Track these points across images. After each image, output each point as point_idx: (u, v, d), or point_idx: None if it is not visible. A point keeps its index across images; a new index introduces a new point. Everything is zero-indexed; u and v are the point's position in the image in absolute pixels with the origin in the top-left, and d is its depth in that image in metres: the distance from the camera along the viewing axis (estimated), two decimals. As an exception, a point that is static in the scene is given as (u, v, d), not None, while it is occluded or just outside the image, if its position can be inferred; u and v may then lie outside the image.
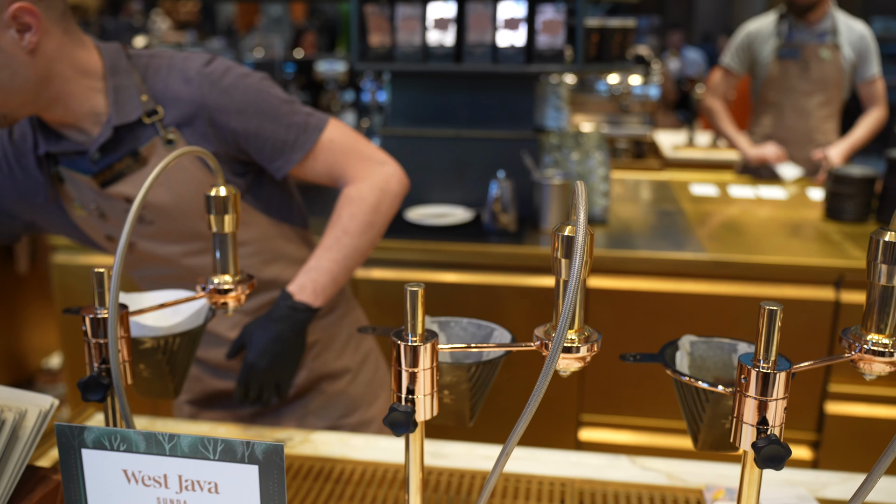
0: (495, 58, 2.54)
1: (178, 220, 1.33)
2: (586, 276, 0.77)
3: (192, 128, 1.30)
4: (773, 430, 0.75)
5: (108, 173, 1.29)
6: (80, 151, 1.29)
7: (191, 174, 1.31)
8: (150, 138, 1.28)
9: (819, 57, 3.25)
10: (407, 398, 0.78)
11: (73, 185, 1.33)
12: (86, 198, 1.33)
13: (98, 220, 1.35)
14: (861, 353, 0.80)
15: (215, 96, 1.29)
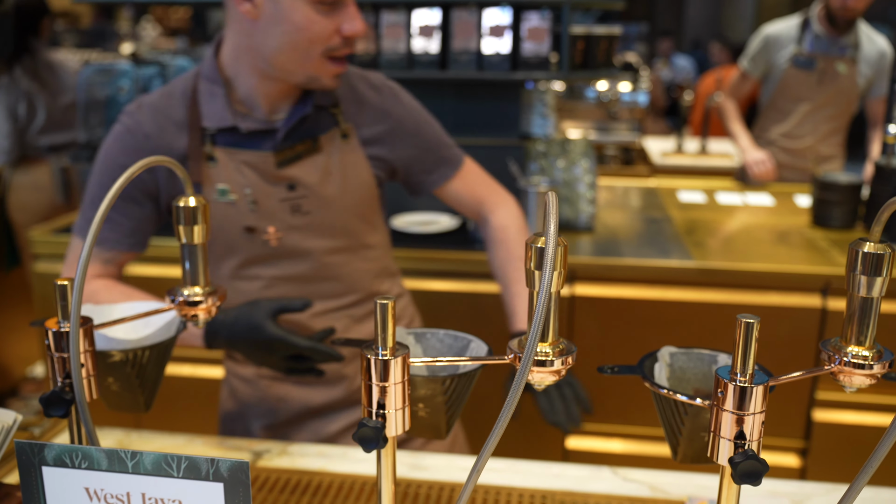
0: (480, 65, 2.53)
1: (336, 213, 1.37)
2: (560, 287, 0.75)
3: (370, 129, 1.40)
4: (750, 444, 0.74)
5: (290, 153, 1.33)
6: (264, 130, 1.32)
7: (362, 171, 1.39)
8: (329, 128, 1.36)
9: (835, 70, 3.21)
10: (378, 413, 0.77)
11: (226, 168, 1.32)
12: (240, 182, 1.32)
13: (245, 208, 1.32)
14: (841, 366, 0.78)
15: (399, 110, 1.43)
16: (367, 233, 1.44)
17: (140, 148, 1.32)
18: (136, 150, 1.32)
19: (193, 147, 1.31)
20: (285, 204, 1.34)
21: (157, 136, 1.32)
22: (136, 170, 0.80)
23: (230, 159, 1.32)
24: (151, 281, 2.39)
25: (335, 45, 1.27)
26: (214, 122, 1.31)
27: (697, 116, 5.33)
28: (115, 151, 1.33)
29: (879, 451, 0.69)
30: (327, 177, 1.35)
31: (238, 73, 1.33)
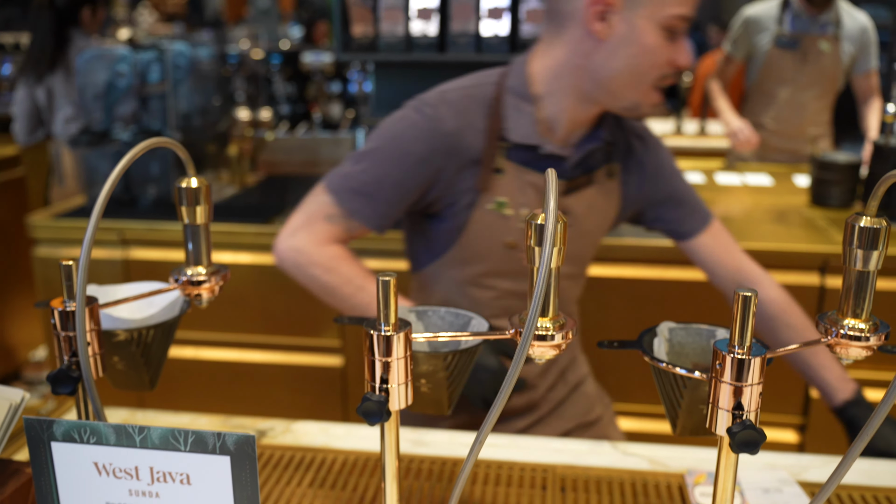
0: (479, 47, 2.53)
1: (584, 244, 1.42)
2: (560, 263, 0.76)
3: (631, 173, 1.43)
4: (748, 415, 0.75)
5: (574, 183, 1.35)
6: (557, 155, 1.33)
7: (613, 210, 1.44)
8: (601, 164, 1.39)
9: (818, 49, 3.21)
10: (381, 387, 0.78)
11: (511, 183, 1.32)
12: (520, 199, 1.33)
13: (515, 225, 1.34)
14: (837, 338, 0.80)
15: (660, 159, 1.46)
16: (589, 264, 1.50)
17: (437, 142, 1.30)
18: (432, 143, 1.30)
19: (488, 155, 1.31)
20: None
21: (455, 134, 1.30)
22: (140, 149, 0.81)
23: (517, 176, 1.32)
24: (156, 265, 2.40)
25: (666, 74, 1.28)
26: (518, 136, 1.30)
27: (696, 98, 5.32)
28: (410, 139, 1.31)
29: (873, 422, 0.70)
30: (591, 211, 1.38)
31: (552, 92, 1.31)
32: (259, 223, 2.39)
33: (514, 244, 1.35)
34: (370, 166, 1.32)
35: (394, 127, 1.33)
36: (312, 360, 2.41)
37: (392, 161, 1.31)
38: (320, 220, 1.34)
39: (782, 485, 1.09)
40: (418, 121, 1.31)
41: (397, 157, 1.31)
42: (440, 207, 1.36)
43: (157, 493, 0.75)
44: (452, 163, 1.31)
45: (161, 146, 0.86)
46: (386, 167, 1.31)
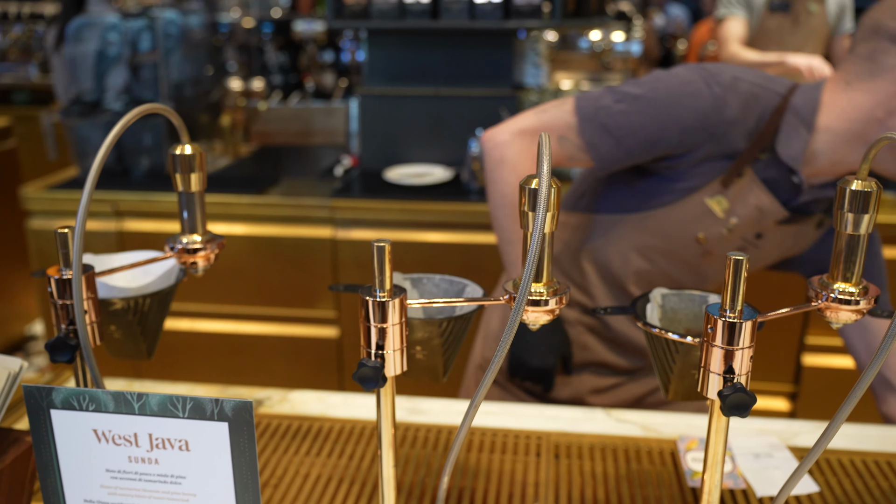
0: (473, 14, 2.51)
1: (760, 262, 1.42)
2: (553, 228, 0.77)
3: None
4: (738, 378, 0.76)
5: (792, 218, 1.34)
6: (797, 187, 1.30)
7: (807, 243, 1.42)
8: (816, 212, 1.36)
9: (808, 10, 3.19)
10: (377, 354, 0.79)
11: (740, 191, 1.30)
12: (736, 209, 1.31)
13: (718, 226, 1.32)
14: (827, 303, 0.80)
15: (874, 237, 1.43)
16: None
17: (712, 124, 1.26)
18: (707, 123, 1.25)
19: (745, 158, 1.28)
20: (741, 242, 1.36)
21: (731, 125, 1.26)
22: (133, 115, 0.81)
23: (750, 188, 1.30)
24: (150, 236, 2.40)
25: None
26: (786, 155, 1.27)
27: (691, 66, 5.27)
28: (688, 108, 1.25)
29: (859, 388, 0.71)
30: (783, 242, 1.38)
31: (835, 130, 1.26)
32: (253, 194, 2.39)
33: (703, 240, 1.34)
34: (632, 111, 1.27)
35: (675, 87, 1.28)
36: (308, 331, 2.42)
37: (658, 118, 1.26)
38: (555, 136, 1.29)
39: (773, 450, 1.10)
40: (705, 95, 1.26)
41: (665, 118, 1.26)
42: (667, 174, 1.33)
43: (156, 460, 0.75)
44: (710, 148, 1.28)
45: (154, 112, 0.86)
46: (647, 120, 1.26)
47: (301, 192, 2.45)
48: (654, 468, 1.08)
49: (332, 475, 1.06)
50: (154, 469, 0.76)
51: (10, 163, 3.74)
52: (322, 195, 2.38)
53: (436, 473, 1.06)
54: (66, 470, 0.77)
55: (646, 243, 1.38)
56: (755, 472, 1.06)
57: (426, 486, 1.03)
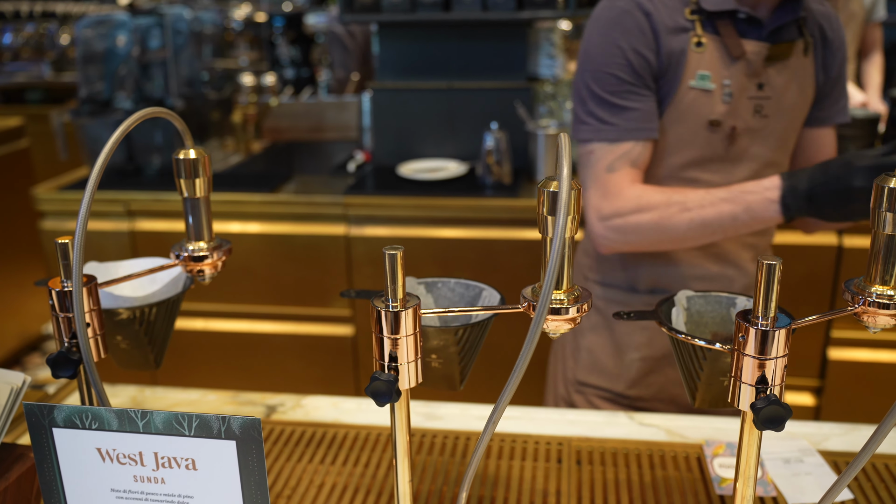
0: (485, 5, 2.46)
1: (786, 123, 1.34)
2: (574, 232, 0.73)
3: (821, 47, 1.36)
4: (772, 389, 0.72)
5: (777, 49, 1.30)
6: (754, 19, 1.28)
7: (809, 87, 1.35)
8: (794, 38, 1.32)
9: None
10: (390, 366, 0.75)
11: (712, 56, 1.28)
12: (722, 72, 1.28)
13: (718, 99, 1.28)
14: (865, 307, 0.76)
15: (842, 35, 1.39)
16: (789, 153, 1.40)
17: (641, 25, 1.27)
18: (638, 27, 1.27)
19: (684, 27, 1.28)
20: (751, 102, 1.30)
21: (655, 12, 1.28)
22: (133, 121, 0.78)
23: (725, 43, 1.28)
24: (163, 236, 2.38)
25: None
26: (715, 4, 1.27)
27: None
28: (616, 35, 1.28)
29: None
30: (790, 84, 1.33)
31: None
32: (266, 192, 2.36)
33: (718, 122, 1.30)
34: (591, 83, 1.30)
35: (598, 38, 1.31)
36: (323, 329, 2.40)
37: (613, 65, 1.28)
38: (603, 174, 1.30)
39: (803, 454, 1.06)
40: (617, 15, 1.29)
41: (615, 60, 1.28)
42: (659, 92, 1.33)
43: (163, 479, 0.73)
44: (662, 41, 1.28)
45: (157, 116, 0.83)
46: (607, 71, 1.28)
47: (314, 190, 2.42)
48: (679, 475, 1.05)
49: (346, 484, 1.03)
50: (161, 489, 0.73)
51: (23, 162, 3.73)
52: (335, 192, 2.35)
53: (454, 482, 1.03)
54: (70, 489, 0.75)
55: (677, 163, 1.33)
56: (786, 479, 1.02)
57: (444, 496, 1.00)
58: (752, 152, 1.33)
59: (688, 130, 1.30)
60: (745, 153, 1.33)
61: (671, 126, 1.31)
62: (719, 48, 1.28)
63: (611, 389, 1.48)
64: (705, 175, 1.33)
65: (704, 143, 1.31)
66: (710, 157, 1.32)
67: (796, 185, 1.19)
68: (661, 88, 1.31)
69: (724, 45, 1.28)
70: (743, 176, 1.33)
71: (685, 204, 1.25)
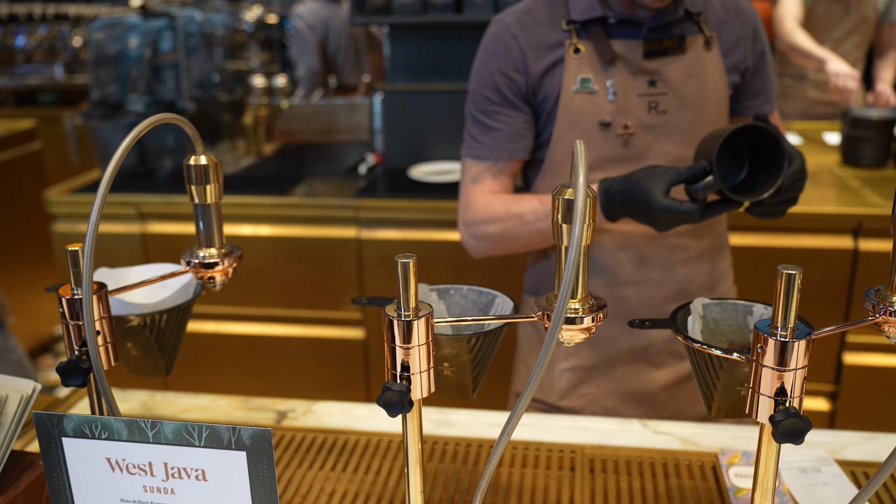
0: (497, 6, 2.45)
1: (690, 117, 1.34)
2: (589, 241, 0.72)
3: (730, 39, 1.38)
4: (792, 401, 0.71)
5: (657, 45, 1.31)
6: (631, 22, 1.31)
7: (719, 81, 1.36)
8: (694, 33, 1.34)
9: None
10: (402, 375, 0.74)
11: (591, 59, 1.31)
12: (603, 73, 1.31)
13: (604, 99, 1.31)
14: (886, 316, 0.75)
15: (757, 26, 1.41)
16: None
17: (509, 47, 1.33)
18: (505, 49, 1.33)
19: (559, 40, 1.32)
20: (643, 100, 1.32)
21: (523, 34, 1.33)
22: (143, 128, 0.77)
23: (597, 49, 1.31)
24: (175, 239, 2.38)
25: None
26: (582, 13, 1.31)
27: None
28: (487, 58, 1.36)
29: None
30: (688, 78, 1.33)
31: None
32: (276, 195, 2.36)
33: (608, 122, 1.31)
34: (473, 108, 1.38)
35: (476, 61, 1.38)
36: (334, 332, 2.39)
37: (484, 86, 1.35)
38: (469, 185, 1.40)
39: (820, 464, 1.05)
40: (489, 39, 1.36)
41: (486, 81, 1.35)
42: (536, 112, 1.37)
43: (173, 490, 0.72)
44: (530, 60, 1.32)
45: (165, 124, 0.82)
46: (482, 95, 1.36)
47: (325, 192, 2.41)
48: (694, 484, 1.03)
49: (358, 492, 1.02)
50: (171, 499, 0.72)
51: (36, 164, 3.75)
52: (346, 195, 2.35)
53: (466, 490, 1.02)
54: (79, 499, 0.74)
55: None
56: (803, 489, 1.01)
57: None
58: (656, 149, 1.32)
59: (582, 134, 1.31)
60: (646, 151, 1.32)
61: (566, 132, 1.32)
62: (597, 51, 1.31)
63: (544, 401, 1.47)
64: (604, 174, 1.32)
65: (601, 144, 1.31)
66: (610, 158, 1.32)
67: (609, 189, 1.22)
68: (543, 102, 1.34)
69: (600, 48, 1.31)
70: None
71: (523, 217, 1.31)
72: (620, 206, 1.20)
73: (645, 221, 1.20)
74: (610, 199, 1.22)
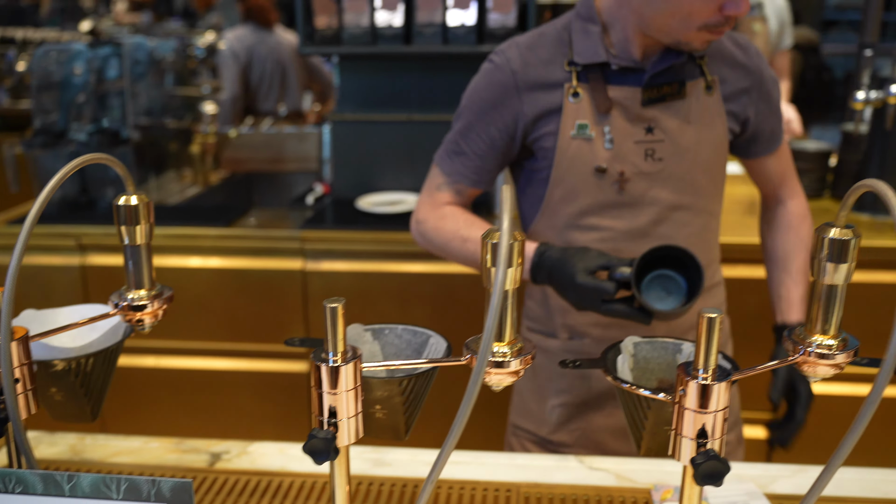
0: (446, 38, 2.47)
1: (687, 165, 1.34)
2: (517, 284, 0.72)
3: (733, 84, 1.37)
4: (712, 443, 0.72)
5: (656, 92, 1.31)
6: (633, 69, 1.31)
7: (719, 125, 1.37)
8: (695, 77, 1.34)
9: (752, 31, 3.20)
10: (329, 421, 0.74)
11: (588, 105, 1.31)
12: (599, 120, 1.31)
13: (600, 146, 1.31)
14: (805, 356, 0.77)
15: (763, 69, 1.41)
16: (712, 196, 1.40)
17: (505, 82, 1.33)
18: (501, 84, 1.33)
19: (559, 81, 1.32)
20: (640, 147, 1.32)
21: (522, 70, 1.33)
22: (69, 170, 0.76)
23: (594, 96, 1.31)
24: (115, 271, 2.34)
25: (715, 22, 1.23)
26: (586, 57, 1.31)
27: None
28: (481, 86, 1.36)
29: (846, 444, 0.66)
30: (686, 125, 1.33)
31: (615, 21, 1.31)
32: (222, 226, 2.33)
33: (603, 168, 1.32)
34: (458, 125, 1.40)
35: (472, 82, 1.40)
36: (278, 366, 2.36)
37: (472, 112, 1.37)
38: (433, 190, 1.44)
39: (750, 498, 1.06)
40: (488, 68, 1.37)
41: (475, 108, 1.36)
42: (531, 150, 1.38)
43: (90, 543, 0.70)
44: (526, 100, 1.33)
45: (96, 163, 0.81)
46: (469, 120, 1.37)
47: (271, 223, 2.40)
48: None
49: (292, 535, 1.01)
50: (88, 553, 0.70)
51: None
52: (292, 226, 2.33)
53: (402, 532, 1.01)
54: (-7, 555, 0.72)
55: (572, 213, 1.36)
56: (734, 524, 1.02)
57: (391, 548, 0.98)
58: (651, 196, 1.33)
59: (577, 179, 1.33)
60: (642, 198, 1.33)
61: (563, 177, 1.33)
62: (595, 97, 1.32)
63: (536, 434, 1.48)
64: (604, 221, 1.34)
65: (595, 190, 1.33)
66: (604, 204, 1.33)
67: (543, 254, 1.27)
68: (538, 142, 1.34)
69: (598, 94, 1.31)
70: (646, 220, 1.34)
71: (465, 243, 1.37)
72: (547, 272, 1.26)
73: (563, 293, 1.25)
74: (541, 263, 1.27)
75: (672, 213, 1.35)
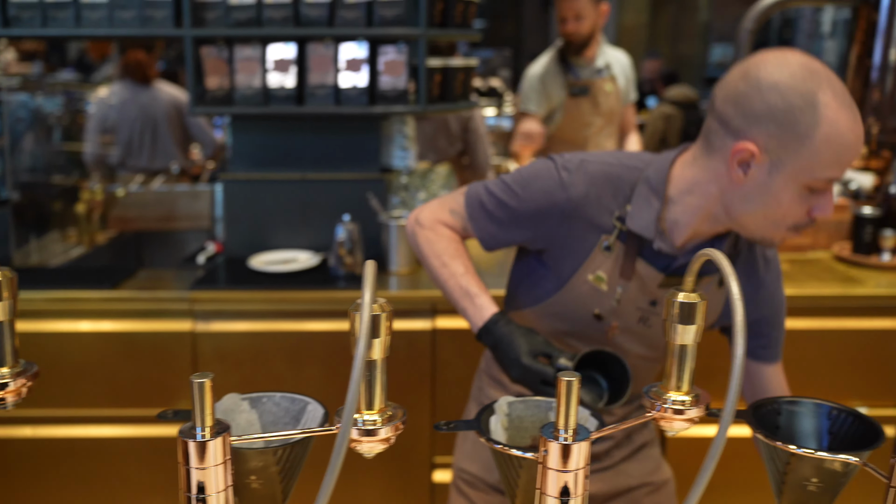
0: (338, 99, 2.51)
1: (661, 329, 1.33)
2: (385, 354, 0.74)
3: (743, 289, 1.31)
4: (574, 501, 0.75)
5: (675, 281, 1.33)
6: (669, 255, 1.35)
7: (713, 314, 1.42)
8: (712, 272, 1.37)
9: (605, 91, 3.38)
10: (198, 497, 0.73)
11: (614, 263, 1.35)
12: (618, 280, 1.36)
13: (608, 300, 1.37)
14: (661, 412, 0.81)
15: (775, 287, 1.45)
16: None
17: (560, 204, 1.35)
18: (556, 204, 1.35)
19: (602, 227, 1.35)
20: (640, 313, 1.38)
21: (578, 204, 1.34)
22: None
23: (622, 258, 1.35)
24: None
25: (802, 223, 1.26)
26: (637, 227, 1.32)
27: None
28: (538, 190, 1.37)
29: (697, 488, 0.71)
30: None
31: (681, 201, 1.32)
32: (107, 288, 2.26)
33: (601, 316, 1.39)
34: (501, 193, 1.41)
35: (534, 171, 1.41)
36: (165, 431, 2.28)
37: (517, 200, 1.39)
38: (447, 209, 1.47)
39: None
40: (553, 177, 1.37)
41: (522, 200, 1.38)
42: (550, 258, 1.42)
43: None
44: (567, 227, 1.37)
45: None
46: (511, 201, 1.39)
47: (159, 284, 2.34)
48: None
49: None
50: None
51: None
52: (182, 286, 2.29)
53: None
54: None
55: (556, 328, 1.43)
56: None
57: None
58: (628, 348, 1.42)
59: (575, 313, 1.40)
60: (620, 346, 1.42)
61: (561, 306, 1.40)
62: (623, 260, 1.37)
63: (484, 480, 1.51)
64: (580, 344, 1.42)
65: (586, 327, 1.41)
66: (588, 337, 1.42)
67: (497, 322, 1.33)
68: (558, 262, 1.40)
69: (627, 260, 1.36)
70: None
71: (448, 273, 1.41)
72: (494, 341, 1.31)
73: (506, 367, 1.30)
74: (490, 330, 1.32)
75: (640, 364, 1.44)
